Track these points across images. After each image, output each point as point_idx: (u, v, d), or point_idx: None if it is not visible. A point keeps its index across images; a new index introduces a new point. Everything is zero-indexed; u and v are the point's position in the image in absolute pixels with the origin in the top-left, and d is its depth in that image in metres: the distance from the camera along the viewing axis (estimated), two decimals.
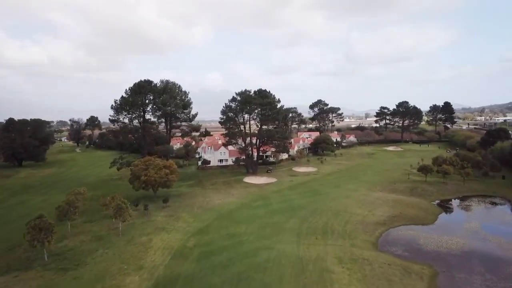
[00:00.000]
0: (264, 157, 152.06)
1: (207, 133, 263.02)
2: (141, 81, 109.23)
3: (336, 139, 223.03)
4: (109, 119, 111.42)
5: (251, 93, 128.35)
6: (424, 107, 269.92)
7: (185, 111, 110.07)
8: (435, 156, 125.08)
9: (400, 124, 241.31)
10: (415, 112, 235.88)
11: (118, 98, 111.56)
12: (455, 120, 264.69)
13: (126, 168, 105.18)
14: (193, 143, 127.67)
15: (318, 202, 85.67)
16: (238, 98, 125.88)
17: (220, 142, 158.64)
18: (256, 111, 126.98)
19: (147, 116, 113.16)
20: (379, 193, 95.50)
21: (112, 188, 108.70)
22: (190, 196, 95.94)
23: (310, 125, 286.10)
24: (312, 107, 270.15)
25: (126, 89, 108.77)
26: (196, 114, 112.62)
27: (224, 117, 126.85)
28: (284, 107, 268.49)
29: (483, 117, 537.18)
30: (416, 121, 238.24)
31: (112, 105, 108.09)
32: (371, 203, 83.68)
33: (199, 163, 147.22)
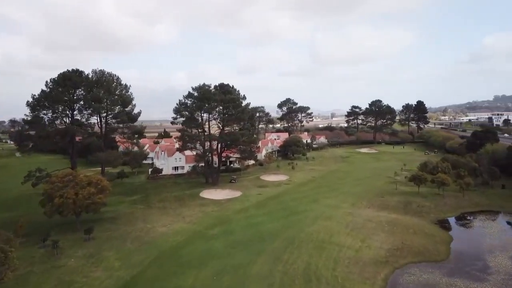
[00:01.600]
0: (228, 163, 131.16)
1: (166, 135, 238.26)
2: (67, 71, 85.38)
3: (307, 140, 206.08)
4: (23, 120, 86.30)
5: (211, 88, 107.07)
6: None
7: (126, 109, 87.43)
8: (423, 161, 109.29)
9: (373, 124, 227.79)
10: (388, 112, 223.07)
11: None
12: (428, 120, 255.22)
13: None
14: (135, 148, 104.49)
15: (294, 227, 65.94)
16: (195, 93, 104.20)
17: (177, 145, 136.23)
18: (217, 109, 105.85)
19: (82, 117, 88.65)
20: (367, 210, 77.23)
21: (34, 208, 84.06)
22: (127, 221, 73.36)
23: (278, 125, 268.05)
24: (280, 106, 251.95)
25: (47, 81, 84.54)
26: (139, 113, 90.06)
27: (178, 116, 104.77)
28: (251, 105, 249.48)
29: (446, 117, 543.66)
30: (389, 121, 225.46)
31: (28, 101, 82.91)
32: (362, 228, 64.95)
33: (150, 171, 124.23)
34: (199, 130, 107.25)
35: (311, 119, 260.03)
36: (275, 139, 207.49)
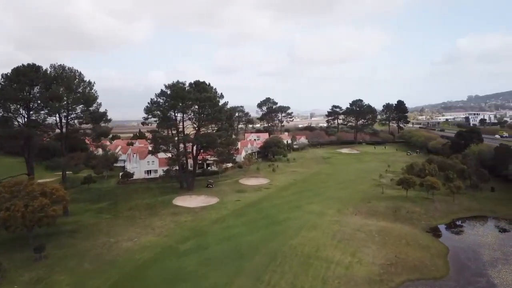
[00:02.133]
0: (205, 166, 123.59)
1: (141, 136, 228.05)
2: (22, 66, 76.21)
3: (287, 141, 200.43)
4: None
5: (185, 86, 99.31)
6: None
7: (90, 108, 78.79)
8: (408, 163, 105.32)
9: (353, 124, 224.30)
10: (369, 111, 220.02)
11: None
12: (408, 120, 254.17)
13: None
14: (99, 150, 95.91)
15: (276, 239, 59.36)
16: (168, 91, 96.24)
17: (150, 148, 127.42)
18: (192, 108, 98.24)
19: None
20: (354, 218, 71.50)
21: None
22: (88, 234, 65.03)
23: (258, 125, 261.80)
24: (260, 105, 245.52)
25: None
26: (105, 113, 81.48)
27: (149, 116, 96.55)
28: (230, 105, 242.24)
29: (423, 117, 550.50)
30: (370, 121, 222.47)
31: None
32: (351, 239, 58.99)
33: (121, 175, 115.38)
34: (173, 131, 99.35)
35: (291, 119, 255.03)
36: (255, 139, 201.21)
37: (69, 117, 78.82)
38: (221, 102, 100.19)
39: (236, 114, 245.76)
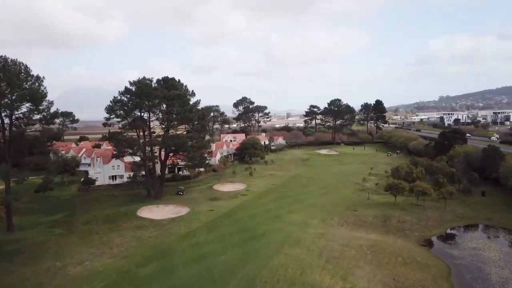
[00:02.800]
0: (176, 170, 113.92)
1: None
2: None
3: (264, 142, 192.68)
4: None
5: (152, 82, 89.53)
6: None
7: (39, 107, 68.04)
8: (394, 166, 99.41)
9: (331, 124, 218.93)
10: (348, 111, 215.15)
11: None
12: (386, 120, 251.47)
13: None
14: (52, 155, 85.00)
15: (254, 259, 50.89)
16: (133, 89, 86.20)
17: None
18: (160, 107, 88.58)
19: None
20: (341, 229, 64.09)
21: None
22: (31, 257, 54.62)
23: (234, 125, 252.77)
24: (236, 105, 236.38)
25: None
26: (57, 113, 70.90)
27: (112, 116, 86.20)
28: (205, 104, 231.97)
29: (398, 116, 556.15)
30: (349, 121, 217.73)
31: None
32: (340, 257, 51.25)
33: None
34: (138, 133, 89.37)
35: (268, 119, 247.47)
36: (231, 140, 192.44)
37: (13, 117, 67.64)
38: (193, 100, 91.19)
39: (211, 114, 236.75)
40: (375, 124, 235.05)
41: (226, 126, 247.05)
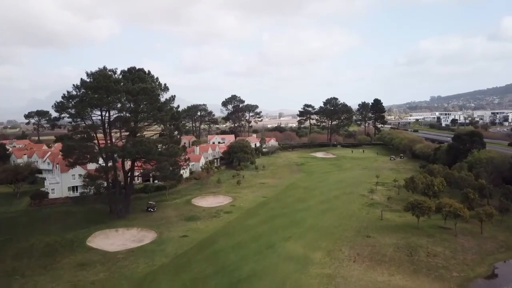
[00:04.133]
0: (151, 179, 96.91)
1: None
2: None
3: (255, 144, 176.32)
4: None
5: (116, 74, 72.30)
6: None
7: None
8: (400, 171, 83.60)
9: (327, 125, 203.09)
10: (345, 110, 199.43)
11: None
12: (385, 120, 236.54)
13: None
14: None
15: None
16: (90, 81, 68.77)
17: None
18: (121, 105, 71.24)
19: None
20: (354, 268, 47.64)
21: None
22: None
23: (224, 125, 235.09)
24: (225, 104, 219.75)
25: None
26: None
27: (62, 116, 68.78)
28: (193, 103, 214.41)
29: (392, 117, 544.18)
30: (347, 121, 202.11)
31: None
32: None
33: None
34: (94, 137, 72.01)
35: (259, 119, 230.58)
36: (219, 142, 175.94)
37: None
38: (165, 96, 73.95)
39: (198, 114, 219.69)
40: (374, 125, 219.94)
41: (215, 126, 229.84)
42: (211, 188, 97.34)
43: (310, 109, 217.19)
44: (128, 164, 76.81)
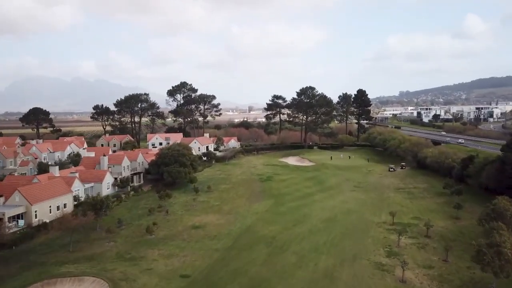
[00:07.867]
0: None
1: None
2: None
3: (207, 146, 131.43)
4: None
5: None
6: None
7: None
8: (431, 204, 41.69)
9: (302, 121, 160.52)
10: (325, 103, 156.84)
11: None
12: (371, 115, 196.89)
13: None
14: None
15: None
16: None
17: None
18: None
19: None
20: None
21: None
22: None
23: (173, 120, 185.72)
24: (172, 93, 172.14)
25: None
26: None
27: None
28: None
29: None
30: (326, 117, 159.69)
31: None
32: None
33: None
34: None
35: (218, 113, 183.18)
36: (160, 144, 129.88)
37: None
38: None
39: (139, 105, 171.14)
40: (357, 122, 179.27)
41: (160, 121, 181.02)
42: (85, 249, 51.32)
43: (280, 101, 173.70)
44: None
